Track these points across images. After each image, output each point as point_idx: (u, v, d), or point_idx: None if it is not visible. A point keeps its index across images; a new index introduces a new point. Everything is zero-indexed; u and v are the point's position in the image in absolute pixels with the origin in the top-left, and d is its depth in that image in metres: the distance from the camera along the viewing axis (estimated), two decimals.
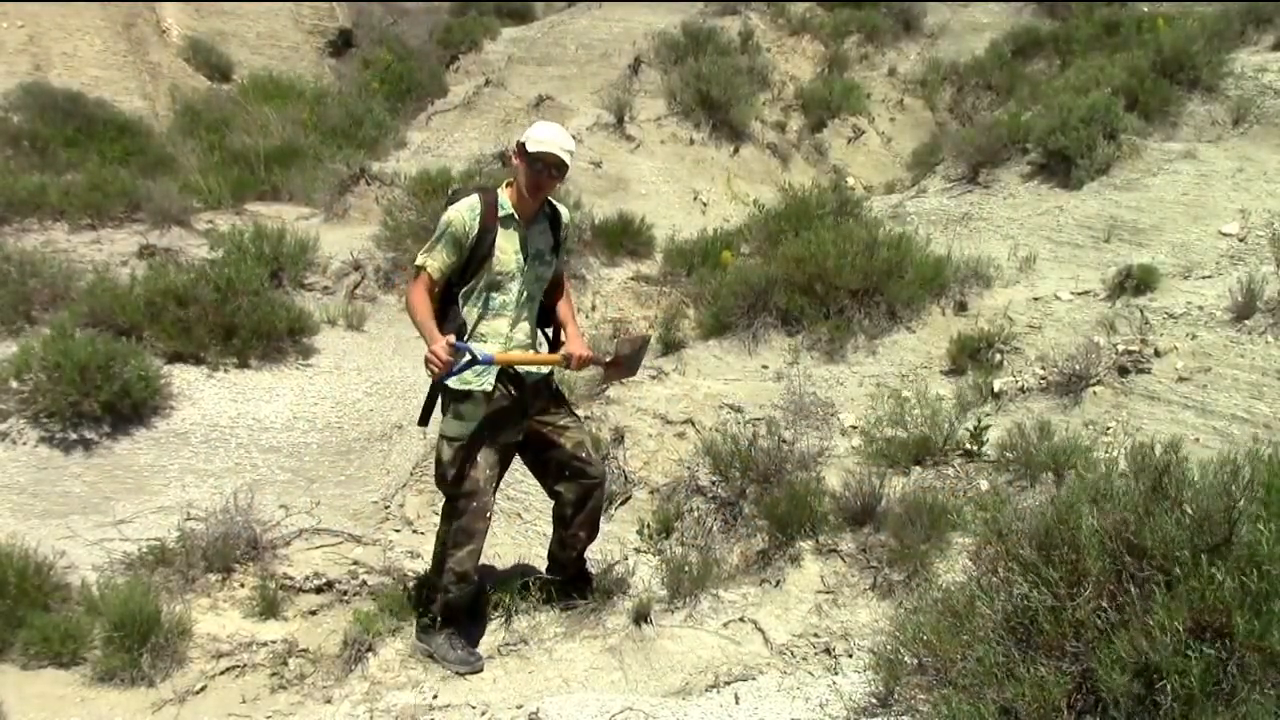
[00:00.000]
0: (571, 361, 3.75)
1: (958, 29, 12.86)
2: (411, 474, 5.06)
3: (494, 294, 3.67)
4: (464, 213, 3.58)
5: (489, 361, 3.62)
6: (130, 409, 5.04)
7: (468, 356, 3.57)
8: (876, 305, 6.01)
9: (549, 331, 3.94)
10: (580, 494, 3.94)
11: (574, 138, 3.88)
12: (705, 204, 9.25)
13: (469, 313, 3.67)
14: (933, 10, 13.10)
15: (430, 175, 7.88)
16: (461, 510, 3.73)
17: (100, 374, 4.92)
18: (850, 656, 3.58)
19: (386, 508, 4.88)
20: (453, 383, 3.61)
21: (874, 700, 2.71)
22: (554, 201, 3.81)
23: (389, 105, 11.47)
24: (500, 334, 3.68)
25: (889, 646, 2.74)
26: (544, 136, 3.55)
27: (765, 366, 5.92)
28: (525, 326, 3.76)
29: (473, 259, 3.61)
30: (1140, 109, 7.97)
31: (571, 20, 13.26)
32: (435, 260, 3.60)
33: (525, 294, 3.72)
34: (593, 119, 9.93)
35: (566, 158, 3.57)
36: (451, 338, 3.49)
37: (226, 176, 8.81)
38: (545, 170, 3.57)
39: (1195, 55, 8.16)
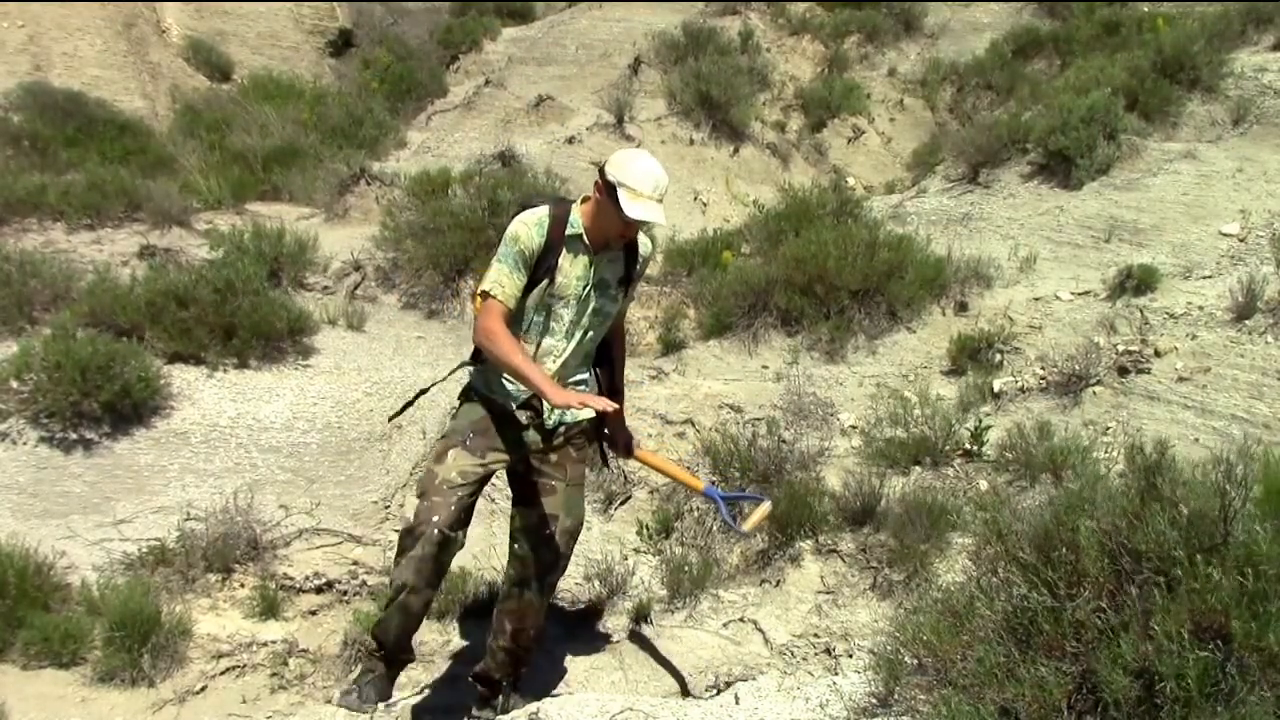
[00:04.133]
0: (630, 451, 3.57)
1: (958, 29, 12.85)
2: (411, 474, 5.06)
3: (544, 319, 3.27)
4: (531, 228, 3.17)
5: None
6: (130, 409, 5.04)
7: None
8: (877, 305, 6.01)
9: (599, 372, 3.53)
10: (517, 578, 3.42)
11: (574, 138, 3.77)
12: (705, 204, 9.25)
13: (514, 335, 3.23)
14: (933, 10, 13.08)
15: (430, 175, 7.87)
16: (414, 510, 3.30)
17: (100, 374, 4.92)
18: (850, 656, 3.59)
19: (386, 508, 4.88)
20: (478, 383, 3.36)
21: (874, 700, 2.71)
22: None
23: (389, 105, 11.46)
24: (544, 365, 3.26)
25: (889, 646, 2.74)
26: (642, 187, 3.07)
27: (765, 366, 5.92)
28: (568, 360, 3.32)
29: (533, 277, 3.20)
30: (1140, 109, 7.97)
31: (571, 20, 13.25)
32: (508, 286, 3.17)
33: (579, 326, 3.30)
34: (593, 119, 9.93)
35: (662, 218, 3.14)
36: (608, 404, 3.10)
37: (226, 176, 8.80)
38: (633, 224, 3.15)
39: (1195, 55, 8.15)
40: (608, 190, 3.13)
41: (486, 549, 4.47)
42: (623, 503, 4.87)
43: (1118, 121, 7.38)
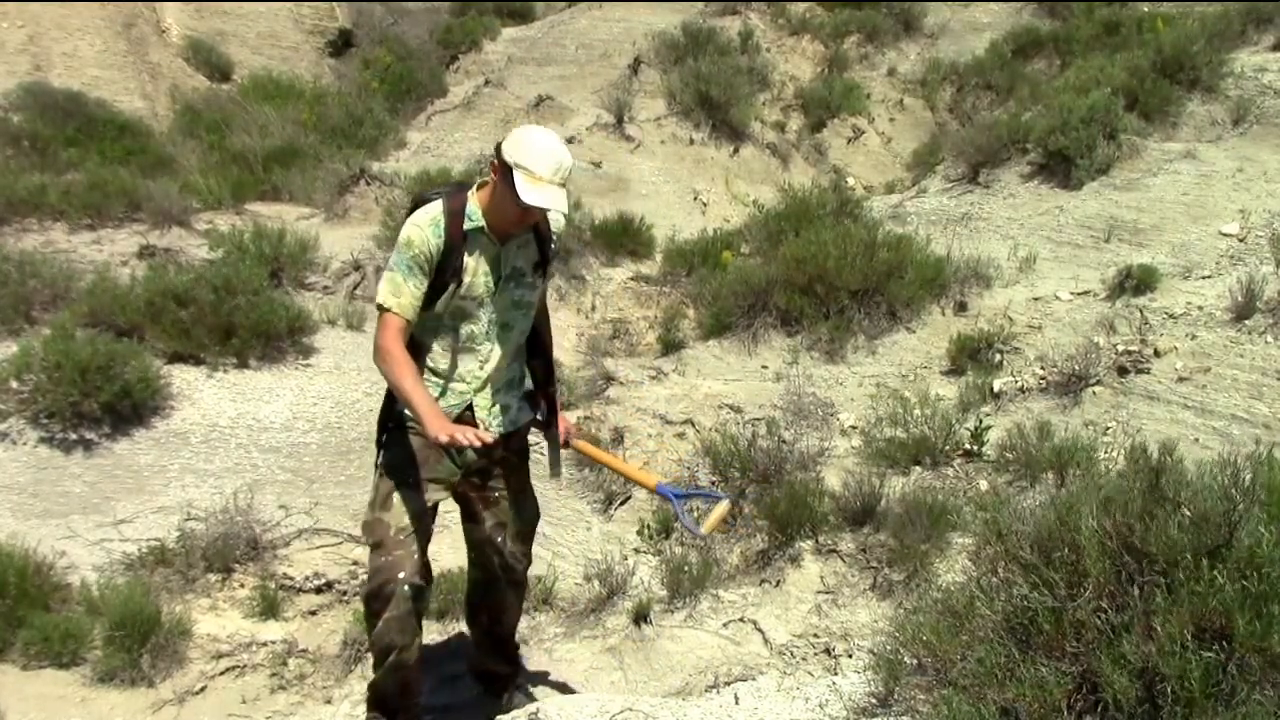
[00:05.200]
0: (570, 441, 3.31)
1: (958, 29, 12.86)
2: None
3: (460, 324, 2.99)
4: (425, 230, 2.86)
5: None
6: (130, 409, 5.04)
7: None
8: (876, 305, 6.01)
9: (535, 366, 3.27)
10: (482, 581, 3.33)
11: (574, 138, 3.60)
12: (705, 204, 9.25)
13: (432, 348, 3.02)
14: (933, 10, 13.09)
15: (430, 175, 7.88)
16: (371, 567, 3.06)
17: (100, 374, 4.92)
18: (850, 656, 3.58)
19: None
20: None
21: (874, 700, 2.71)
22: None
23: (389, 105, 11.47)
24: (470, 374, 3.03)
25: (889, 646, 2.74)
26: (539, 169, 2.78)
27: (765, 366, 5.92)
28: (499, 363, 3.07)
29: (437, 283, 2.91)
30: (1140, 109, 7.97)
31: (571, 20, 13.26)
32: (404, 296, 2.86)
33: (500, 324, 3.04)
34: (593, 119, 9.93)
35: (562, 204, 2.86)
36: (488, 435, 2.78)
37: (226, 176, 8.80)
38: (531, 209, 2.86)
39: (1195, 55, 8.16)
40: (503, 172, 2.83)
41: None
42: (623, 503, 4.87)
43: (1118, 121, 7.39)
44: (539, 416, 3.27)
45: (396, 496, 3.01)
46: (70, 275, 6.07)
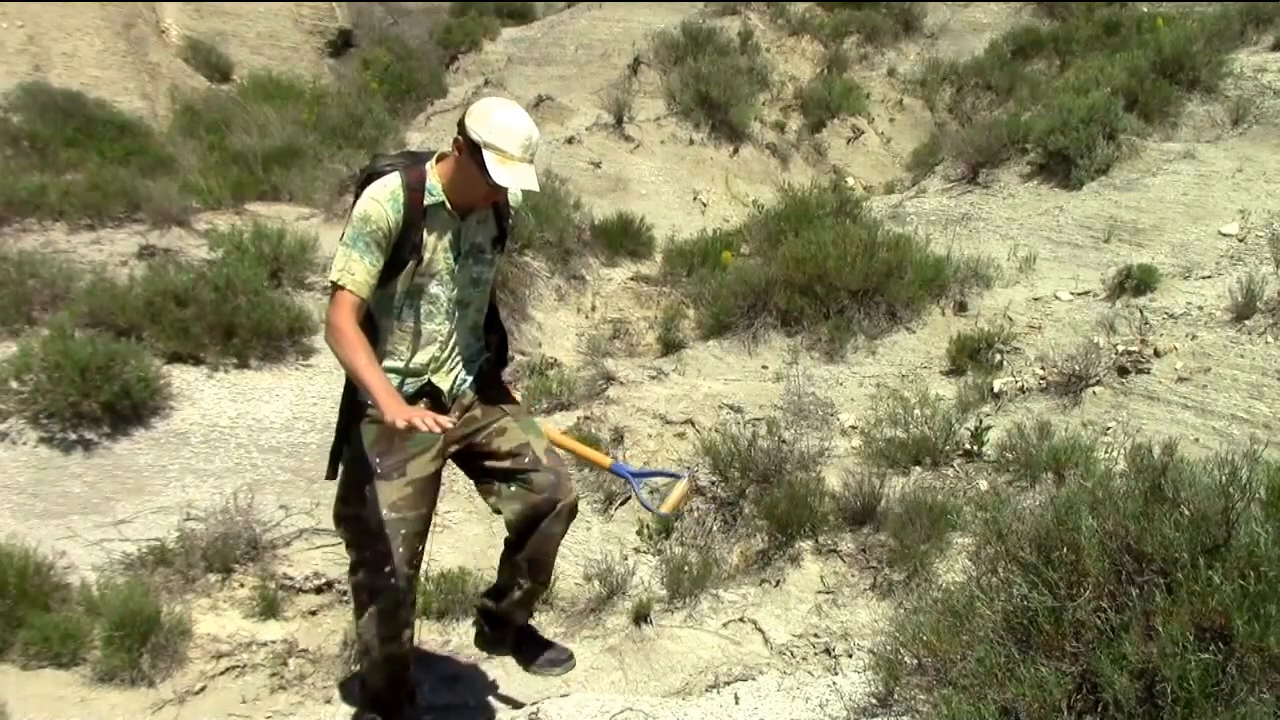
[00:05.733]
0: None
1: (958, 29, 12.85)
2: None
3: (418, 302, 2.91)
4: (384, 205, 2.78)
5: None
6: (130, 409, 5.04)
7: None
8: (876, 306, 6.02)
9: (493, 339, 3.20)
10: (524, 513, 2.99)
11: (574, 138, 3.58)
12: (705, 204, 9.25)
13: (389, 326, 2.94)
14: (933, 10, 13.08)
15: None
16: (354, 563, 3.00)
17: (100, 374, 4.92)
18: (850, 656, 3.59)
19: None
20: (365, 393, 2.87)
21: (874, 700, 2.71)
22: None
23: (388, 105, 11.46)
24: (428, 352, 2.97)
25: (889, 646, 2.74)
26: (510, 148, 2.70)
27: (765, 367, 5.92)
28: (457, 340, 3.02)
29: (395, 260, 2.83)
30: (1140, 109, 7.98)
31: (571, 20, 13.25)
32: (358, 273, 2.78)
33: (459, 302, 2.97)
34: (592, 119, 9.93)
35: (534, 182, 2.78)
36: (446, 420, 2.65)
37: (226, 176, 8.78)
38: (497, 189, 2.78)
39: (1195, 55, 8.16)
40: (470, 150, 2.74)
41: (486, 548, 4.47)
42: (623, 503, 4.87)
43: (1117, 121, 7.39)
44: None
45: (368, 490, 2.92)
46: (70, 275, 6.06)
